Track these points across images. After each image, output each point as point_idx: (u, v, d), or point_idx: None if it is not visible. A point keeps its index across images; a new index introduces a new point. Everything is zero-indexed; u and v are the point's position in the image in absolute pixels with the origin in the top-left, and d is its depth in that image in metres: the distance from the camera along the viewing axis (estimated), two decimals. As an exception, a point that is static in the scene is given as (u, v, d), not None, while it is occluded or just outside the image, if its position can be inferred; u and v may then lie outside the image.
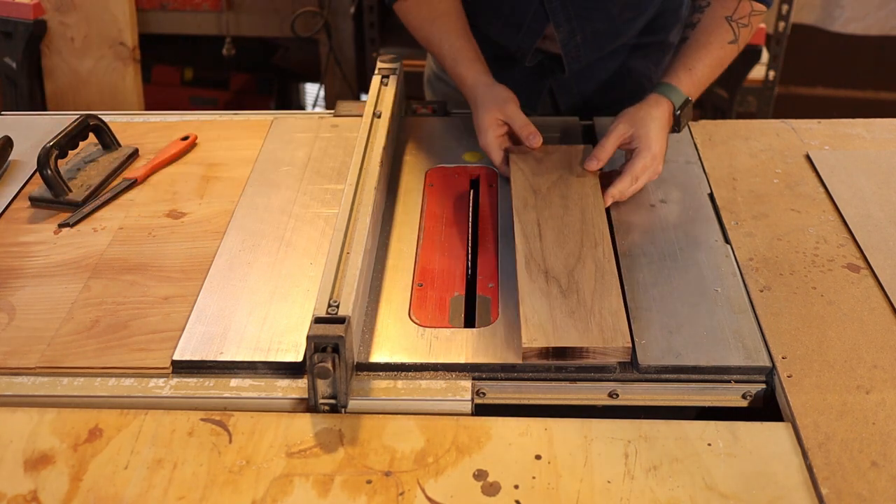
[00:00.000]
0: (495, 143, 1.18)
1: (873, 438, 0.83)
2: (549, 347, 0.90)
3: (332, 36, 2.60)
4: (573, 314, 0.94)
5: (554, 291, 0.97)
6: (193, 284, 1.03)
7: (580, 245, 1.04)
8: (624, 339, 0.91)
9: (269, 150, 1.30)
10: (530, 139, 1.17)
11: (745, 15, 1.19)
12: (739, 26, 1.19)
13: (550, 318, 0.93)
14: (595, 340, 0.90)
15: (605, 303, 0.95)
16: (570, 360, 0.91)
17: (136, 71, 2.38)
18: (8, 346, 0.95)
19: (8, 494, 0.80)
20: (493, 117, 1.17)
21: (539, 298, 0.96)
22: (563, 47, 1.30)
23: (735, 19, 1.18)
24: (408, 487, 0.79)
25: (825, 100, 2.98)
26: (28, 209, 1.18)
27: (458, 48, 1.23)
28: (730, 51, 1.20)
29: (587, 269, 1.00)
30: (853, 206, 1.15)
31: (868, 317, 0.97)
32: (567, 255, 1.02)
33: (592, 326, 0.92)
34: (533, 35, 1.31)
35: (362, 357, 0.93)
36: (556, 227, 1.06)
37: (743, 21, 1.19)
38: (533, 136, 1.16)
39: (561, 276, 0.99)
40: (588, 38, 1.30)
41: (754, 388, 0.92)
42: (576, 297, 0.96)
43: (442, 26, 1.25)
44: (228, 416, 0.87)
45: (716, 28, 1.19)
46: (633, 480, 0.80)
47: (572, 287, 0.97)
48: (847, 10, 2.67)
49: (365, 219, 1.01)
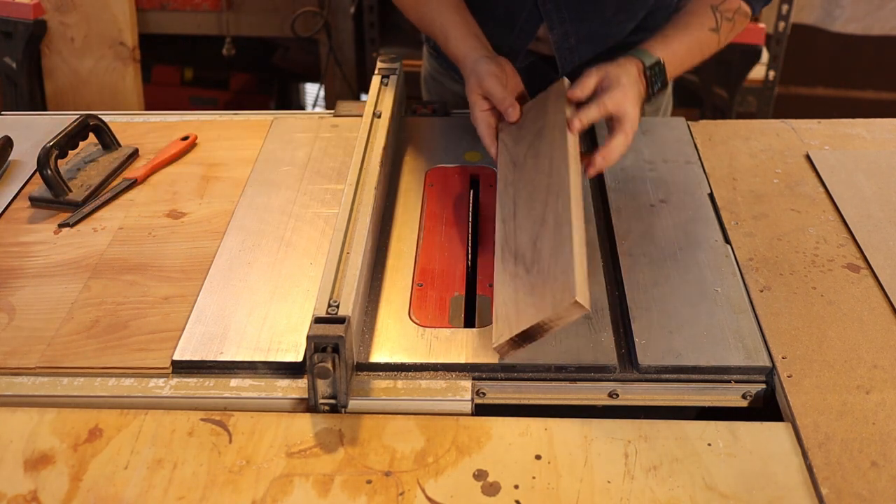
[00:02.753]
0: (482, 117, 1.14)
1: (873, 438, 0.83)
2: (512, 337, 0.87)
3: (332, 36, 2.60)
4: (533, 290, 0.89)
5: (520, 272, 0.93)
6: (193, 284, 1.03)
7: (545, 204, 0.98)
8: (569, 294, 0.82)
9: (269, 150, 1.30)
10: (508, 112, 1.13)
11: (732, 10, 1.18)
12: (723, 18, 1.17)
13: (514, 303, 0.90)
14: (546, 311, 0.85)
15: (559, 261, 0.88)
16: (539, 337, 0.87)
17: (136, 71, 2.38)
18: (8, 346, 0.95)
19: (8, 494, 0.80)
20: (475, 93, 1.15)
21: (507, 286, 0.92)
22: (556, 49, 1.30)
23: (720, 10, 1.17)
24: (408, 487, 0.79)
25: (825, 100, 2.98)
26: (28, 209, 1.18)
27: (451, 24, 1.22)
28: (710, 38, 1.18)
29: (548, 230, 0.94)
30: (853, 206, 1.15)
31: (868, 317, 0.97)
32: (533, 223, 0.97)
33: (546, 295, 0.86)
34: (526, 36, 1.31)
35: (362, 357, 0.93)
36: (527, 195, 1.01)
37: (727, 14, 1.17)
38: (511, 109, 1.13)
39: (527, 251, 0.94)
40: (582, 39, 1.29)
41: (754, 388, 0.92)
42: (537, 267, 0.91)
43: (434, 4, 1.24)
44: (228, 416, 0.87)
45: (699, 12, 1.17)
46: (633, 480, 0.80)
47: (535, 258, 0.93)
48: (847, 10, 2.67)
49: (365, 219, 1.01)
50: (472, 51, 1.19)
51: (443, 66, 1.50)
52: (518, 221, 0.99)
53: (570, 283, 0.84)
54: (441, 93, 1.53)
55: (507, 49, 1.34)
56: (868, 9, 2.67)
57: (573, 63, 1.33)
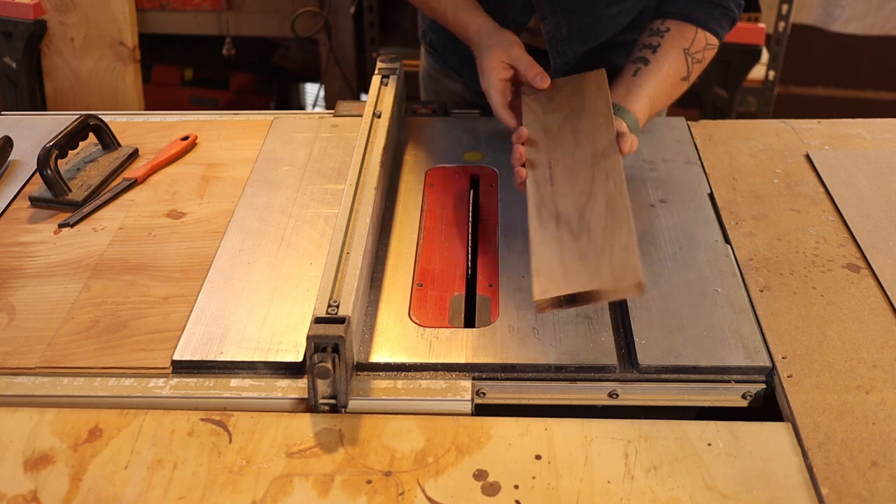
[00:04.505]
0: (498, 85, 1.14)
1: (873, 438, 0.83)
2: (560, 296, 0.88)
3: (332, 36, 2.60)
4: (584, 257, 0.90)
5: (565, 236, 0.93)
6: (193, 284, 1.03)
7: (591, 181, 0.99)
8: (634, 275, 0.86)
9: (269, 150, 1.30)
10: (537, 79, 1.14)
11: (700, 49, 1.19)
12: (694, 62, 1.19)
13: (561, 264, 0.90)
14: (605, 282, 0.86)
15: (616, 239, 0.90)
16: (585, 304, 0.88)
17: (136, 71, 2.38)
18: (8, 346, 0.95)
19: (8, 494, 0.80)
20: (497, 59, 1.15)
21: (550, 246, 0.92)
22: (548, 40, 1.30)
23: (691, 53, 1.19)
24: (408, 487, 0.79)
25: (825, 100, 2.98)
26: (28, 209, 1.18)
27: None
28: (681, 87, 1.20)
29: (598, 206, 0.95)
30: (853, 206, 1.15)
31: (868, 317, 0.97)
32: (578, 194, 0.98)
33: (603, 267, 0.88)
34: (518, 27, 1.31)
35: (362, 357, 0.93)
36: (567, 166, 1.02)
37: (697, 56, 1.19)
38: (541, 77, 1.14)
39: (572, 218, 0.95)
40: (574, 31, 1.29)
41: (754, 388, 0.92)
42: (587, 237, 0.92)
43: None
44: (228, 416, 0.87)
45: (674, 61, 1.18)
46: (633, 480, 0.80)
47: (584, 228, 0.94)
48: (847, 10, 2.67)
49: (365, 219, 1.01)
50: (486, 20, 1.20)
51: (440, 63, 1.50)
52: (557, 188, 1.00)
53: (633, 263, 0.87)
54: (439, 91, 1.53)
55: None
56: (868, 9, 2.67)
57: (566, 56, 1.33)
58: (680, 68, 1.19)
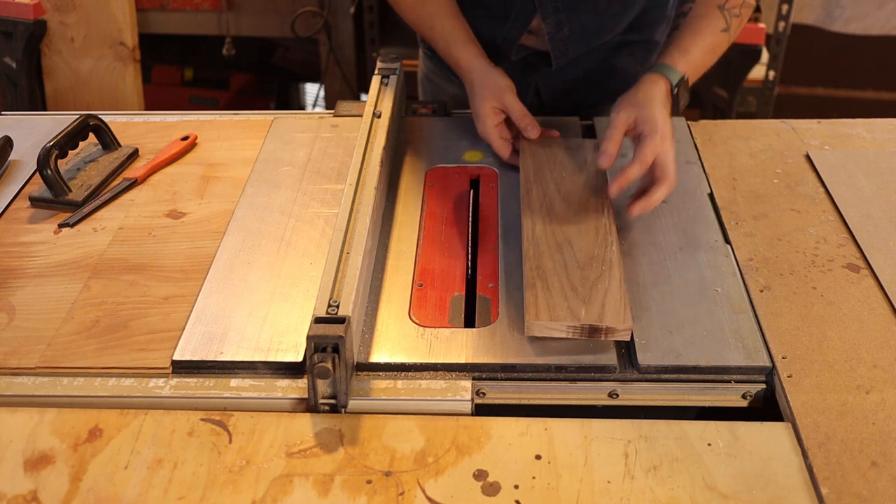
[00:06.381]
0: (494, 131, 1.20)
1: (873, 438, 0.83)
2: (584, 325, 0.91)
3: (332, 36, 2.60)
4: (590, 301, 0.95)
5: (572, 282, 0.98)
6: (193, 284, 1.03)
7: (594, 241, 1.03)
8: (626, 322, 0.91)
9: (269, 150, 1.30)
10: (528, 130, 1.18)
11: (737, 5, 1.19)
12: (731, 15, 1.19)
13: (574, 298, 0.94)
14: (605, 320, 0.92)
15: (611, 294, 0.96)
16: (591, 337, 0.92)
17: (136, 71, 2.38)
18: (8, 346, 0.95)
19: (8, 494, 0.80)
20: (490, 106, 1.18)
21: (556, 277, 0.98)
22: (550, 40, 1.31)
23: (727, 8, 1.19)
24: (408, 487, 0.79)
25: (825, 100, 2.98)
26: (28, 209, 1.18)
27: (451, 29, 1.24)
28: (722, 39, 1.20)
29: (602, 274, 0.99)
30: (853, 206, 1.15)
31: (868, 317, 0.97)
32: (577, 257, 1.01)
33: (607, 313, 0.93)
34: (520, 26, 1.31)
35: (362, 357, 0.93)
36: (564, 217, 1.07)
37: (735, 11, 1.19)
38: (531, 128, 1.18)
39: (576, 275, 0.99)
40: (575, 30, 1.30)
41: (754, 388, 0.92)
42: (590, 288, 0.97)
43: (433, 7, 1.26)
44: (228, 416, 0.87)
45: (708, 15, 1.19)
46: (633, 480, 0.80)
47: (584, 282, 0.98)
48: (847, 10, 2.67)
49: (365, 219, 1.01)
50: (477, 59, 1.22)
51: (438, 66, 1.50)
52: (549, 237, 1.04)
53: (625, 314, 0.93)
54: (437, 93, 1.53)
55: (500, 40, 1.34)
56: (868, 9, 2.67)
57: (567, 57, 1.33)
58: (716, 20, 1.19)
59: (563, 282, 0.97)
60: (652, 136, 1.07)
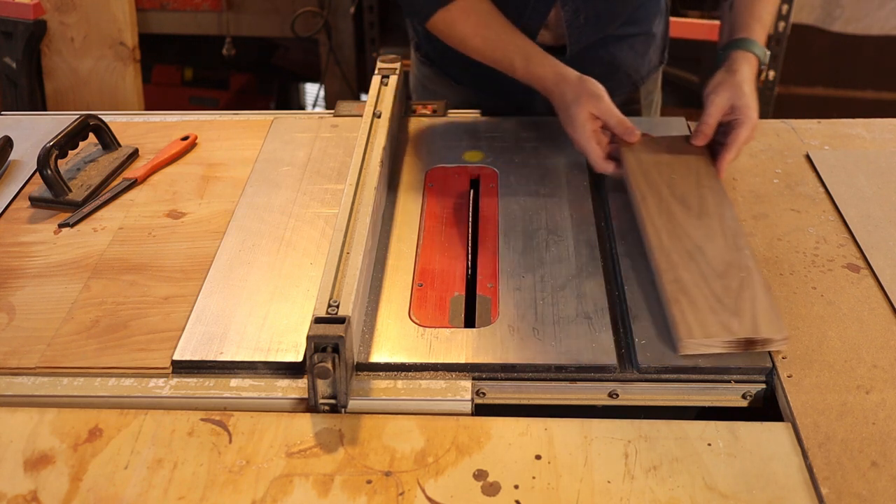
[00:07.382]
0: (593, 137, 1.17)
1: (873, 438, 0.83)
2: (739, 340, 0.91)
3: (332, 36, 2.60)
4: (739, 311, 0.94)
5: (716, 290, 0.97)
6: (193, 284, 1.03)
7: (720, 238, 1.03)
8: (782, 333, 0.91)
9: (269, 150, 1.30)
10: (627, 134, 1.17)
11: None
12: None
13: (722, 311, 0.94)
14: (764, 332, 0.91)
15: (757, 302, 0.96)
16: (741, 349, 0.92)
17: (136, 71, 2.38)
18: (8, 346, 0.95)
19: (8, 494, 0.80)
20: (587, 112, 1.16)
21: (699, 289, 0.96)
22: (567, 26, 1.31)
23: None
24: (408, 487, 0.79)
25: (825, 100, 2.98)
26: (28, 209, 1.18)
27: (524, 45, 1.23)
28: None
29: (734, 275, 0.99)
30: (853, 206, 1.15)
31: (868, 317, 0.97)
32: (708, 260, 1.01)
33: (761, 325, 0.92)
34: (539, 16, 1.31)
35: (362, 357, 0.93)
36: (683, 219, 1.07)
37: None
38: (630, 133, 1.17)
39: (713, 277, 0.99)
40: (590, 17, 1.31)
41: (754, 388, 0.92)
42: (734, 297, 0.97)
43: (500, 29, 1.24)
44: (228, 416, 0.87)
45: None
46: (633, 480, 0.80)
47: (726, 290, 0.97)
48: (847, 9, 2.67)
49: (365, 219, 1.01)
50: (564, 67, 1.21)
51: (437, 72, 1.49)
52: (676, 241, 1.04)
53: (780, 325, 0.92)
54: (432, 99, 1.53)
55: None
56: (868, 9, 2.67)
57: (580, 44, 1.34)
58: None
59: (706, 293, 0.95)
60: (747, 126, 1.14)
